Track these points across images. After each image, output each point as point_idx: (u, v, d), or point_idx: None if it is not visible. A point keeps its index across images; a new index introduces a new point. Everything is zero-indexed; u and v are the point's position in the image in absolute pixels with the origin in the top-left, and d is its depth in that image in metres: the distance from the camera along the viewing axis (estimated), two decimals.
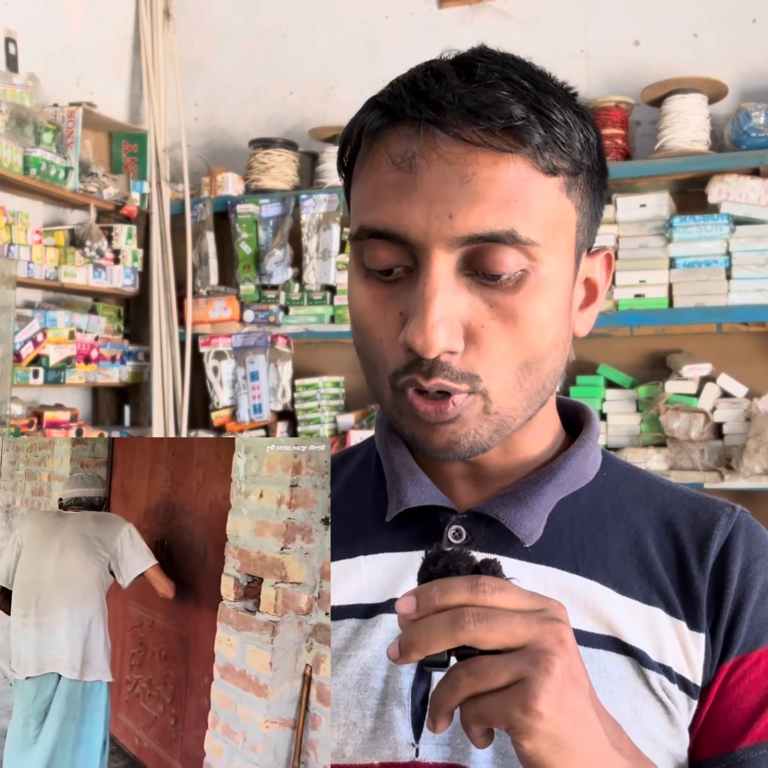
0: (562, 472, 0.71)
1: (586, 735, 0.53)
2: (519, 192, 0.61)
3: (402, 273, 0.64)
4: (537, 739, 0.51)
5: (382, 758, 0.66)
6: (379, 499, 0.74)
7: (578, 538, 0.71)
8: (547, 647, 0.52)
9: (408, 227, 0.61)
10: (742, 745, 0.66)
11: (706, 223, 2.63)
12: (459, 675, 0.52)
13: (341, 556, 0.73)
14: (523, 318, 0.62)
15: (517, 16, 3.08)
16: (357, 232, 0.65)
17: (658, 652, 0.67)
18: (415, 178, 0.61)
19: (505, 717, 0.51)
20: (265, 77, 3.43)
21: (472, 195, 0.60)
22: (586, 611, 0.68)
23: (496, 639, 0.51)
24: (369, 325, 0.66)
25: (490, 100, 0.60)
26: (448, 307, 0.61)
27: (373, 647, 0.69)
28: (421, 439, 0.66)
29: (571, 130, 0.63)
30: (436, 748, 0.66)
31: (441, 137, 0.60)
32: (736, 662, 0.68)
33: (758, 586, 0.69)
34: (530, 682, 0.50)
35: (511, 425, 0.66)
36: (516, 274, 0.62)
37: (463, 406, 0.63)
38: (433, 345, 0.60)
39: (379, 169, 0.63)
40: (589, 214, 0.68)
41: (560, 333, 0.66)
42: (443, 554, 0.55)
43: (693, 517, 0.72)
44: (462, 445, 0.65)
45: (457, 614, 0.51)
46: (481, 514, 0.70)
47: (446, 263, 0.61)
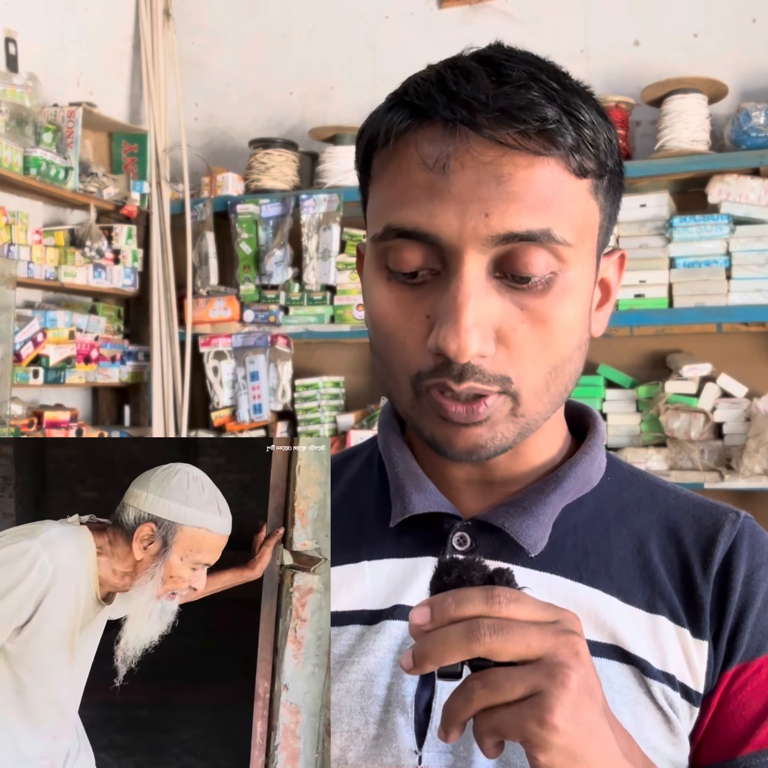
0: (567, 480, 0.71)
1: (600, 748, 0.53)
2: (553, 193, 0.61)
3: (428, 276, 0.63)
4: (552, 752, 0.50)
5: (385, 765, 0.66)
6: (383, 503, 0.74)
7: (582, 545, 0.70)
8: (562, 660, 0.51)
9: (440, 227, 0.60)
10: (744, 752, 0.66)
11: (706, 223, 2.63)
12: (474, 687, 0.52)
13: (345, 561, 0.73)
14: (552, 321, 0.62)
15: (517, 16, 3.08)
16: (383, 232, 0.63)
17: (661, 660, 0.67)
18: (449, 179, 0.60)
19: (520, 730, 0.51)
20: (265, 77, 3.43)
21: (508, 194, 0.60)
22: (589, 620, 0.67)
23: (511, 651, 0.51)
24: (392, 329, 0.64)
25: (523, 101, 0.59)
26: (480, 311, 0.61)
27: (376, 654, 0.68)
28: (444, 441, 0.65)
29: (597, 131, 0.63)
30: (439, 756, 0.65)
31: (475, 139, 0.60)
32: (739, 669, 0.68)
33: (761, 594, 0.69)
34: (546, 695, 0.50)
35: (534, 428, 0.66)
36: (545, 278, 0.62)
37: (494, 407, 0.63)
38: (467, 350, 0.60)
39: (408, 170, 0.62)
40: (608, 215, 0.68)
41: (583, 335, 0.66)
42: (457, 564, 0.54)
43: (697, 524, 0.72)
44: (487, 449, 0.65)
45: (472, 626, 0.51)
46: (486, 523, 0.70)
47: (478, 265, 0.61)
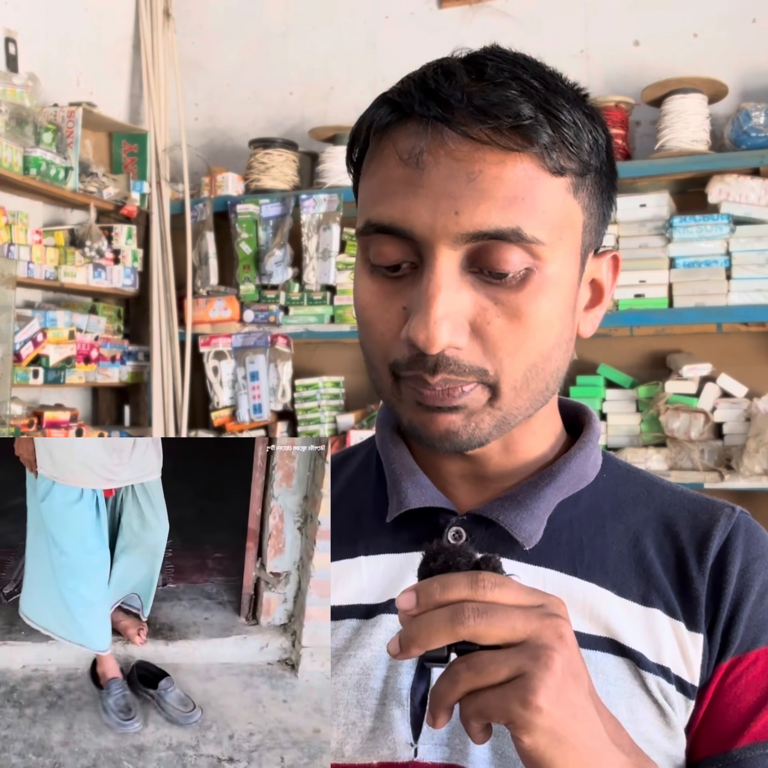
0: (562, 475, 0.71)
1: (586, 730, 0.53)
2: (525, 191, 0.61)
3: (408, 269, 0.64)
4: (536, 734, 0.51)
5: (381, 758, 0.66)
6: (380, 499, 0.74)
7: (577, 540, 0.71)
8: (546, 642, 0.52)
9: (413, 222, 0.61)
10: (739, 744, 0.66)
11: (706, 223, 2.63)
12: (459, 670, 0.52)
13: (342, 556, 0.73)
14: (528, 316, 0.62)
15: (517, 16, 3.08)
16: (363, 227, 0.65)
17: (656, 653, 0.67)
18: (422, 174, 0.61)
19: (504, 712, 0.51)
20: (265, 77, 3.43)
21: (478, 192, 0.60)
22: (584, 613, 0.68)
23: (495, 634, 0.51)
24: (371, 319, 0.66)
25: (498, 98, 0.60)
26: (451, 304, 0.61)
27: (373, 647, 0.69)
28: (420, 427, 0.66)
29: (580, 130, 0.63)
30: (435, 749, 0.66)
31: (449, 134, 0.60)
32: (734, 662, 0.68)
33: (756, 587, 0.69)
34: (530, 677, 0.50)
35: (512, 422, 0.66)
36: (520, 273, 0.62)
37: (471, 396, 0.63)
38: (436, 341, 0.60)
39: (386, 165, 0.64)
40: (596, 215, 0.68)
41: (563, 333, 0.66)
42: (443, 550, 0.55)
43: (693, 519, 0.72)
44: (460, 436, 0.65)
45: (457, 609, 0.51)
46: (481, 516, 0.70)
47: (451, 260, 0.62)
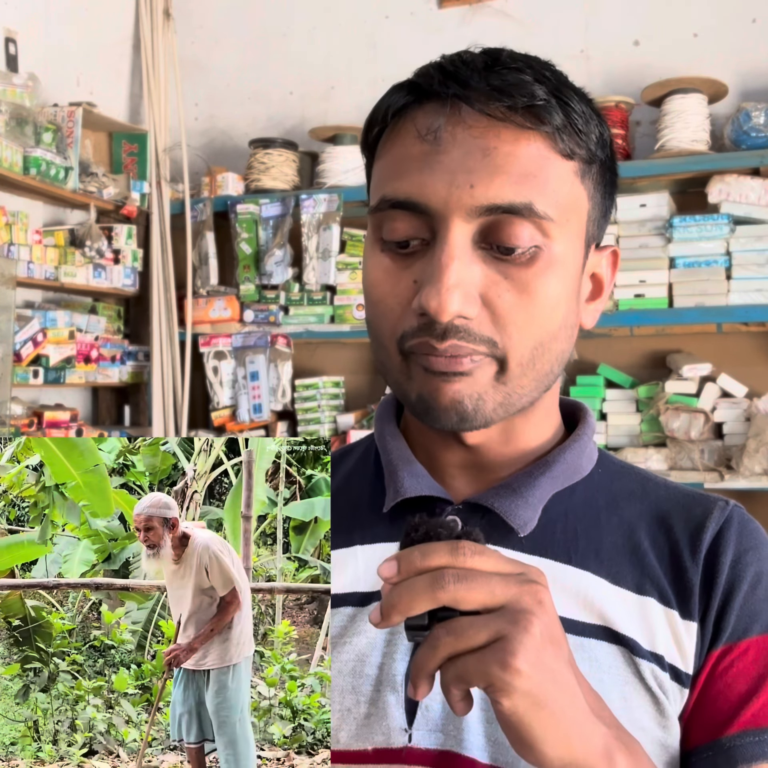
0: (556, 465, 0.72)
1: (565, 697, 0.53)
2: (538, 168, 0.63)
3: (418, 246, 0.66)
4: (515, 696, 0.51)
5: (376, 744, 0.67)
6: (377, 490, 0.75)
7: (572, 530, 0.72)
8: (525, 607, 0.52)
9: (429, 196, 0.63)
10: (729, 732, 0.67)
11: (706, 223, 2.63)
12: (439, 635, 0.52)
13: (339, 546, 0.74)
14: (536, 292, 0.64)
15: (517, 16, 3.08)
16: (378, 203, 0.67)
17: (650, 640, 0.68)
18: (439, 149, 0.63)
19: (483, 675, 0.51)
20: (265, 77, 3.43)
21: (493, 167, 0.62)
22: (577, 601, 0.68)
23: (475, 599, 0.52)
24: (381, 295, 0.67)
25: (514, 80, 0.63)
26: (463, 275, 0.63)
27: (368, 634, 0.70)
28: (427, 397, 0.66)
29: (588, 121, 0.66)
30: (429, 734, 0.66)
31: (467, 111, 0.63)
32: (725, 650, 0.68)
33: (748, 577, 0.69)
34: (509, 639, 0.51)
35: (516, 403, 0.67)
36: (530, 250, 0.64)
37: (478, 365, 0.64)
38: (447, 307, 0.62)
39: (404, 143, 0.66)
40: (599, 207, 0.70)
41: (569, 315, 0.68)
42: (425, 522, 0.56)
43: (686, 512, 0.73)
44: (465, 405, 0.65)
45: (437, 575, 0.52)
46: (477, 505, 0.71)
47: (464, 233, 0.63)
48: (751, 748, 0.66)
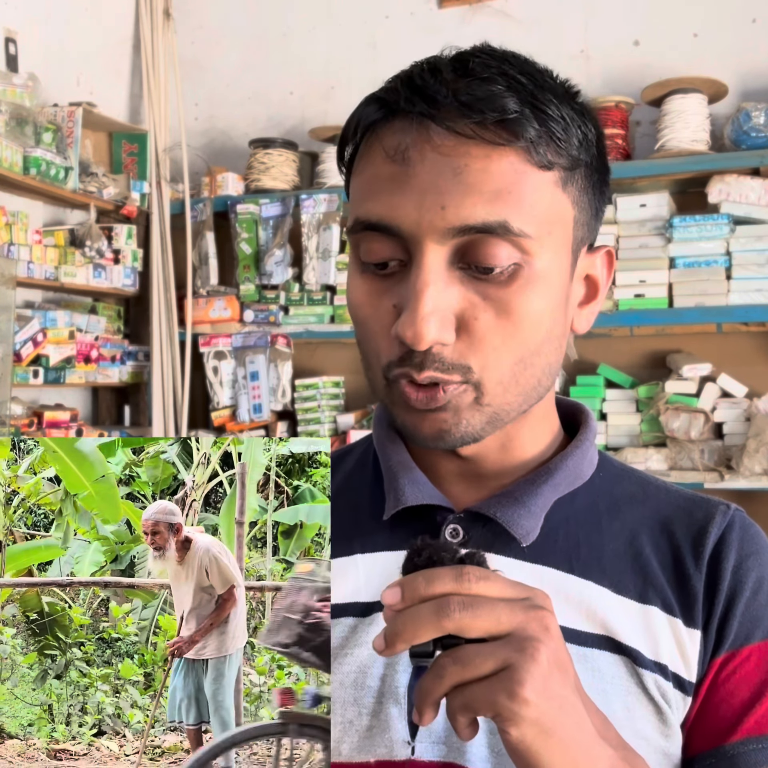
0: (559, 472, 0.71)
1: (573, 723, 0.52)
2: (512, 184, 0.61)
3: (397, 267, 0.65)
4: (523, 726, 0.50)
5: (378, 756, 0.66)
6: (376, 497, 0.74)
7: (573, 537, 0.71)
8: (532, 634, 0.51)
9: (401, 219, 0.62)
10: (732, 739, 0.66)
11: (706, 223, 2.63)
12: (445, 664, 0.52)
13: (338, 554, 0.73)
14: (517, 312, 0.62)
15: (517, 16, 3.07)
16: (352, 225, 0.66)
17: (653, 650, 0.67)
18: (408, 170, 0.61)
19: (491, 704, 0.50)
20: (265, 77, 3.43)
21: (464, 186, 0.60)
22: (580, 611, 0.68)
23: (481, 626, 0.51)
24: (364, 318, 0.67)
25: (484, 93, 0.60)
26: (439, 300, 0.61)
27: (369, 645, 0.68)
28: (411, 428, 0.66)
29: (568, 125, 0.63)
30: (432, 747, 0.65)
31: (434, 130, 0.61)
32: (727, 657, 0.68)
33: (750, 583, 0.69)
34: (516, 668, 0.50)
35: (505, 418, 0.66)
36: (509, 268, 0.62)
37: (453, 394, 0.64)
38: (423, 337, 0.61)
39: (374, 162, 0.64)
40: (587, 210, 0.67)
41: (554, 328, 0.66)
42: (428, 546, 0.55)
43: (688, 516, 0.72)
44: (452, 434, 0.65)
45: (442, 603, 0.51)
46: (479, 514, 0.70)
47: (438, 256, 0.62)
48: (755, 755, 0.66)
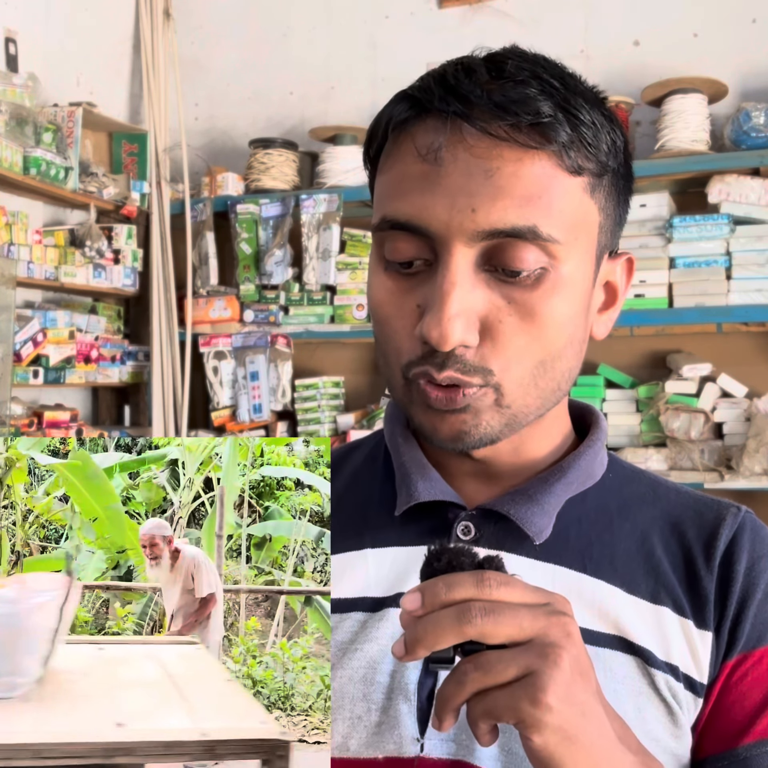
0: (571, 472, 0.71)
1: (594, 729, 0.52)
2: (542, 189, 0.61)
3: (422, 266, 0.64)
4: (546, 732, 0.50)
5: (387, 752, 0.66)
6: (387, 493, 0.74)
7: (585, 536, 0.71)
8: (554, 640, 0.51)
9: (430, 220, 0.62)
10: (744, 742, 0.66)
11: (706, 223, 2.63)
12: (466, 670, 0.51)
13: (348, 548, 0.73)
14: (541, 316, 0.63)
15: (517, 16, 3.07)
16: (379, 223, 0.65)
17: (665, 650, 0.67)
18: (440, 170, 0.61)
19: (514, 711, 0.50)
20: (265, 77, 3.43)
21: (495, 189, 0.60)
22: (592, 610, 0.68)
23: (503, 632, 0.51)
24: (386, 317, 0.66)
25: (518, 96, 0.60)
26: (465, 301, 0.61)
27: (379, 641, 0.68)
28: (430, 428, 0.66)
29: (598, 131, 0.63)
30: (441, 744, 0.65)
31: (468, 131, 0.60)
32: (739, 660, 0.68)
33: (762, 585, 0.69)
34: (539, 674, 0.50)
35: (523, 421, 0.66)
36: (535, 272, 0.62)
37: (474, 397, 0.64)
38: (449, 338, 0.61)
39: (404, 160, 0.64)
40: (612, 216, 0.68)
41: (576, 333, 0.66)
42: (446, 550, 0.55)
43: (699, 518, 0.72)
44: (471, 436, 0.65)
45: (463, 609, 0.51)
46: (491, 511, 0.70)
47: (466, 257, 0.62)
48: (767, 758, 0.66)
